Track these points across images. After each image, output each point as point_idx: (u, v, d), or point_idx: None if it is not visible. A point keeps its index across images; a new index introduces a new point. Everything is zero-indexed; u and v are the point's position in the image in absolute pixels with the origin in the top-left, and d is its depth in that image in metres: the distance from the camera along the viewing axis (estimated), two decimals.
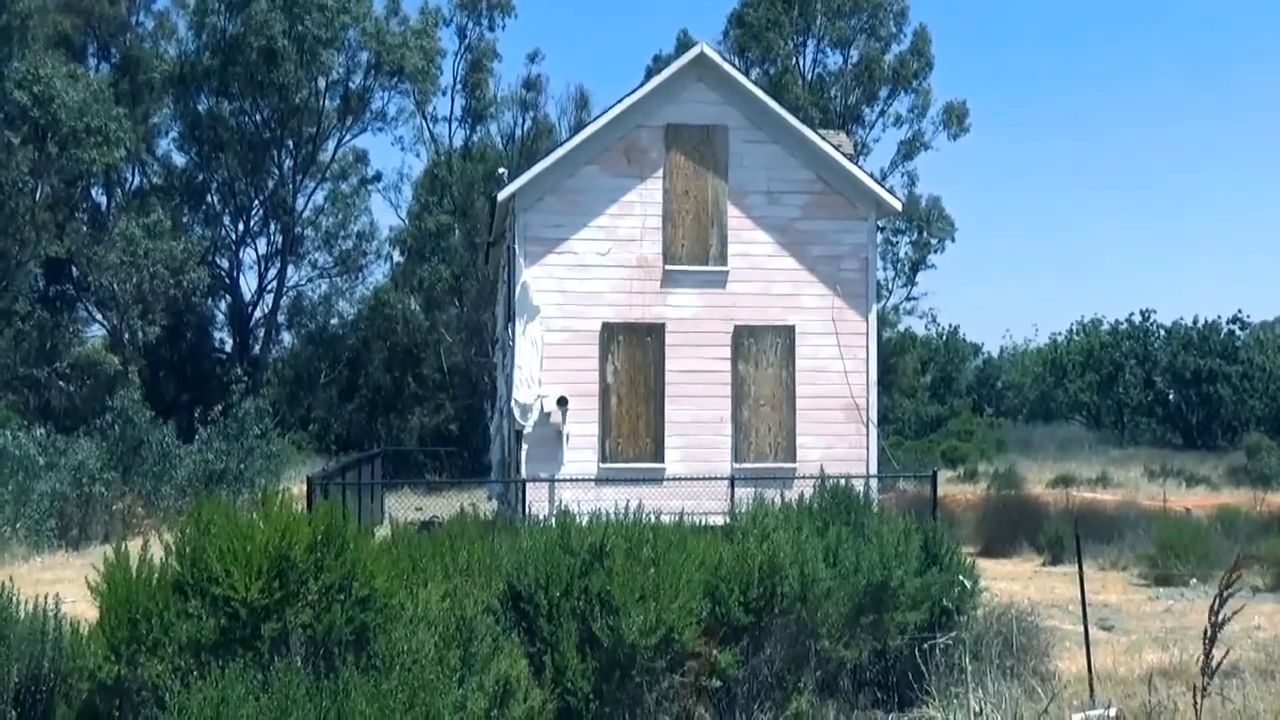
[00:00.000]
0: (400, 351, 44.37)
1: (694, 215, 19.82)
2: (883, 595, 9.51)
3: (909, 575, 9.72)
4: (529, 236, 19.47)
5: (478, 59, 46.11)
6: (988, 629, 10.09)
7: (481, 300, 40.70)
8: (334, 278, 49.94)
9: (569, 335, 19.38)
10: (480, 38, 46.17)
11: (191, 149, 45.07)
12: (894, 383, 50.52)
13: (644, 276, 19.65)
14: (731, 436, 19.54)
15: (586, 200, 19.65)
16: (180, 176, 45.69)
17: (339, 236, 49.45)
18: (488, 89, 46.27)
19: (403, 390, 43.72)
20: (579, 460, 19.08)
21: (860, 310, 20.07)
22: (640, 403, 19.37)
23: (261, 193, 45.98)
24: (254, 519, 7.01)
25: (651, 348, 19.47)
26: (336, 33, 41.84)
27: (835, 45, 48.98)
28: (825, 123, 40.94)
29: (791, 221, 20.06)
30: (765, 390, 19.66)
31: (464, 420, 42.00)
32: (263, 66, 41.64)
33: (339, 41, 42.39)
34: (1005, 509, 23.94)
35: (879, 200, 20.33)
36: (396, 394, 43.97)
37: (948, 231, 50.36)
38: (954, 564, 10.34)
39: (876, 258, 20.96)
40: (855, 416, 19.81)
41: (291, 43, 41.19)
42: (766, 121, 20.03)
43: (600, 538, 8.50)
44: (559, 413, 19.08)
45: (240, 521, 6.94)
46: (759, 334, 19.74)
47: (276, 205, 45.34)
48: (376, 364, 45.51)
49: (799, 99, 44.29)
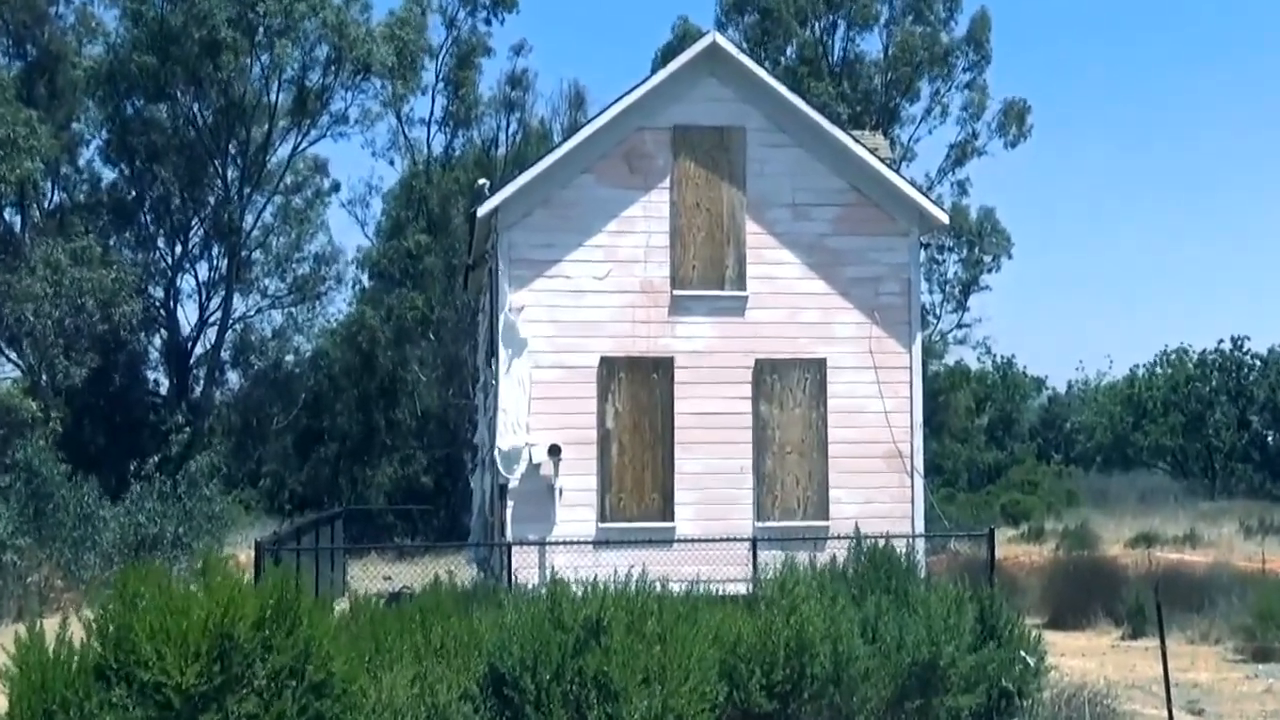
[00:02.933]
0: (368, 393, 44.43)
1: (707, 232, 19.88)
2: (931, 676, 9.47)
3: (962, 652, 9.68)
4: (514, 258, 19.53)
5: (466, 54, 46.29)
6: (1056, 715, 10.03)
7: (460, 333, 40.81)
8: (288, 308, 50.03)
9: (562, 373, 19.40)
10: (474, 30, 46.38)
11: (121, 160, 45.28)
12: (943, 425, 50.55)
13: (649, 303, 19.69)
14: (753, 490, 19.51)
15: (581, 215, 19.71)
16: (108, 192, 45.95)
17: (293, 259, 49.52)
18: (475, 88, 46.47)
19: (370, 439, 43.74)
20: (574, 519, 19.04)
21: (902, 340, 20.08)
22: (645, 451, 19.36)
23: (202, 209, 46.15)
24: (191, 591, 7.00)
25: (658, 386, 19.48)
26: (293, 23, 42.11)
27: (869, 28, 49.07)
28: (858, 123, 41.17)
29: (821, 238, 20.11)
30: (792, 435, 19.64)
31: (440, 473, 41.99)
32: (205, 62, 41.91)
33: (295, 33, 42.68)
34: (1076, 573, 23.85)
35: (923, 212, 20.38)
36: (362, 444, 43.98)
37: (1003, 248, 50.58)
38: (1015, 638, 10.30)
39: (920, 279, 21.00)
40: (898, 465, 19.76)
41: (239, 34, 41.51)
42: (790, 122, 20.12)
43: (597, 610, 8.48)
44: (550, 464, 19.07)
45: (174, 594, 6.93)
46: (784, 369, 19.75)
47: (220, 223, 45.48)
48: (339, 408, 45.55)
49: (827, 95, 44.59)
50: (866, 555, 11.32)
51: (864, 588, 10.55)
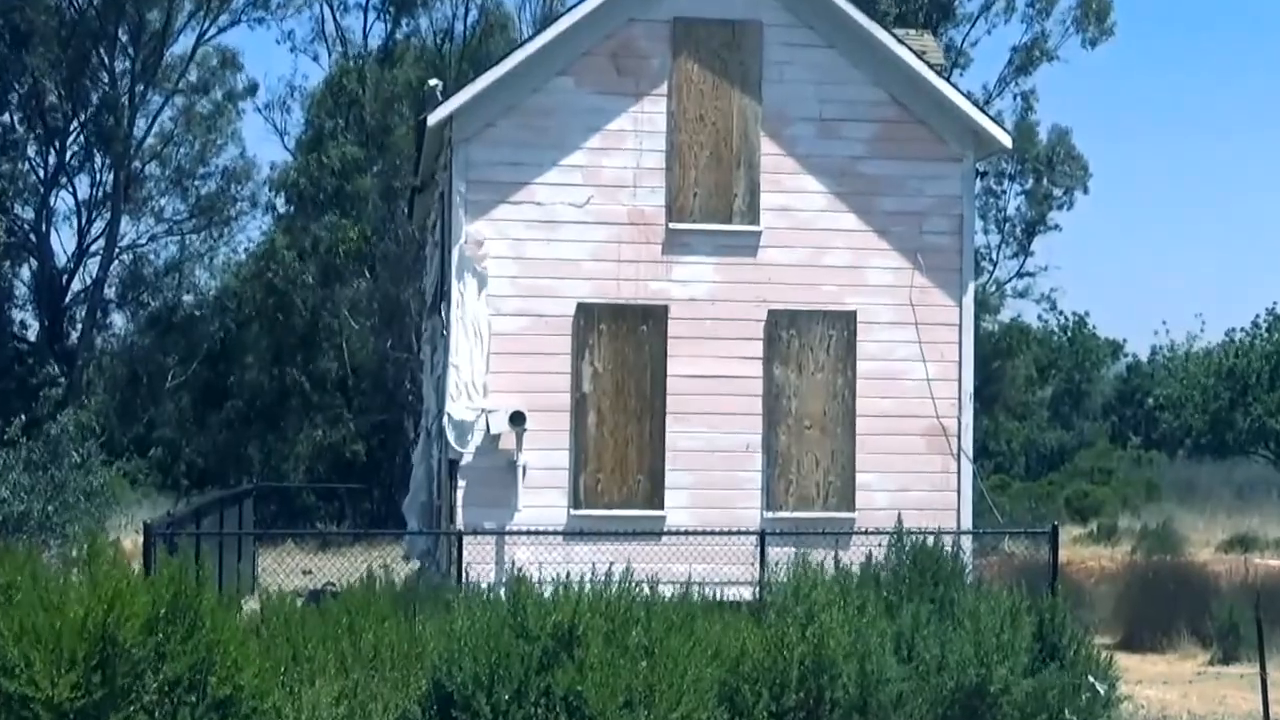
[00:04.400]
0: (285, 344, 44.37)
1: (712, 151, 19.84)
2: (978, 703, 9.55)
3: (1016, 676, 9.75)
4: (473, 179, 19.48)
5: None
6: None
7: (402, 272, 40.74)
8: (188, 235, 49.90)
9: (528, 322, 19.39)
10: None
11: None
12: (998, 396, 50.71)
13: (639, 238, 19.68)
14: (762, 473, 19.56)
15: (556, 127, 19.64)
16: None
17: (196, 176, 49.43)
18: None
19: (287, 400, 43.73)
20: (540, 504, 19.08)
21: (951, 291, 20.10)
22: (631, 422, 19.38)
23: (83, 110, 45.92)
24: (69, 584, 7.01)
25: (648, 341, 19.49)
26: None
27: None
28: (903, 20, 41.06)
29: (853, 162, 20.08)
30: (812, 406, 19.67)
31: (374, 444, 42.06)
32: None
33: None
34: (1157, 582, 23.98)
35: (979, 132, 20.36)
36: (278, 405, 43.96)
37: (1078, 178, 50.55)
38: (1082, 660, 10.38)
39: (974, 215, 21.00)
40: (941, 445, 19.84)
41: None
42: (818, 15, 20.06)
43: (569, 616, 8.51)
44: (512, 435, 19.09)
45: (48, 588, 6.94)
46: (804, 324, 19.77)
47: (105, 128, 45.26)
48: (250, 361, 45.51)
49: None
50: (903, 555, 11.37)
51: (898, 595, 10.59)
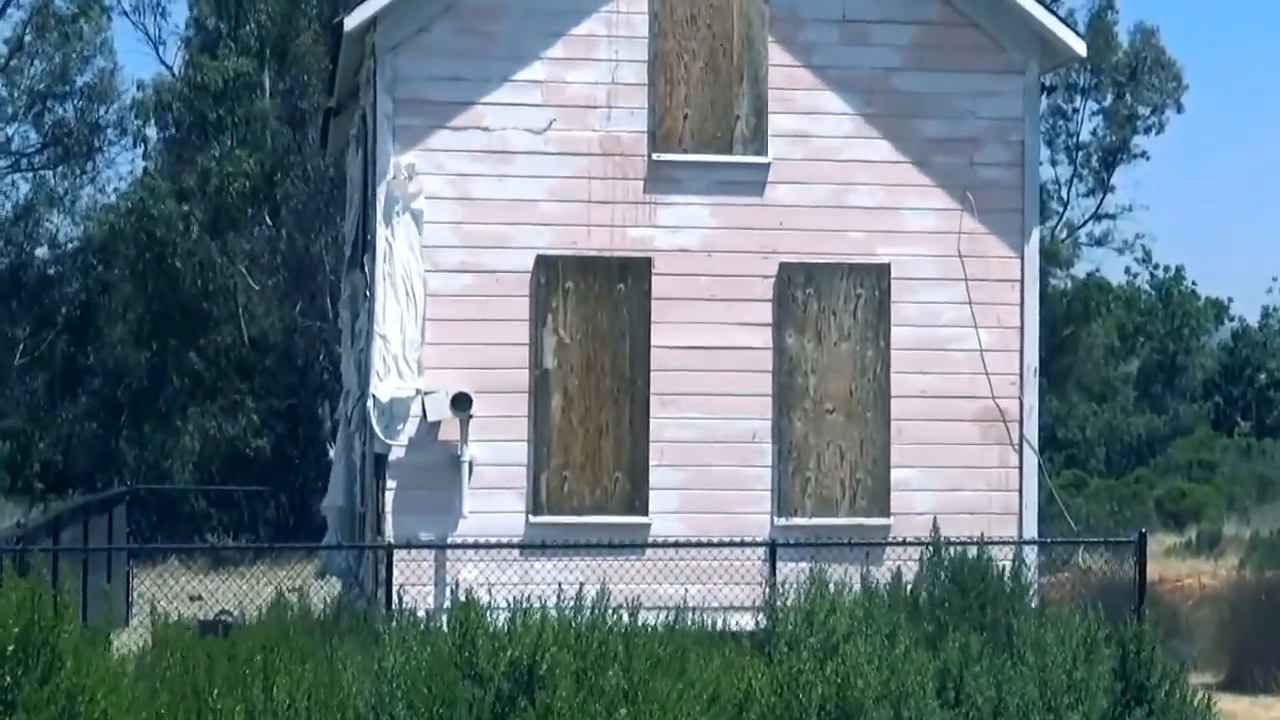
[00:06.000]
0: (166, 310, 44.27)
1: (707, 61, 19.84)
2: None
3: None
4: (402, 98, 19.45)
5: None
6: None
7: (313, 217, 40.67)
8: (42, 171, 49.82)
9: (474, 280, 19.41)
10: None
11: None
12: (1070, 372, 50.82)
13: (615, 173, 19.69)
14: (772, 468, 19.61)
15: (508, 31, 19.64)
16: None
17: (53, 97, 49.36)
18: None
19: (169, 380, 43.68)
20: (491, 509, 19.09)
21: (1010, 239, 20.15)
22: (605, 405, 19.40)
23: None
24: None
25: (627, 304, 19.51)
26: None
27: None
28: None
29: (886, 75, 20.11)
30: (836, 384, 19.71)
31: (280, 435, 42.01)
32: None
33: None
34: (1270, 606, 24.08)
35: (1046, 37, 20.37)
36: (155, 388, 43.92)
37: (1170, 94, 50.57)
38: (1175, 704, 10.41)
39: (1040, 142, 21.03)
40: (999, 434, 19.90)
41: None
42: None
43: (530, 651, 8.53)
44: (455, 423, 19.10)
45: None
46: (824, 280, 19.80)
47: None
48: (120, 333, 45.43)
49: None
50: (948, 571, 11.41)
51: (943, 621, 10.63)
